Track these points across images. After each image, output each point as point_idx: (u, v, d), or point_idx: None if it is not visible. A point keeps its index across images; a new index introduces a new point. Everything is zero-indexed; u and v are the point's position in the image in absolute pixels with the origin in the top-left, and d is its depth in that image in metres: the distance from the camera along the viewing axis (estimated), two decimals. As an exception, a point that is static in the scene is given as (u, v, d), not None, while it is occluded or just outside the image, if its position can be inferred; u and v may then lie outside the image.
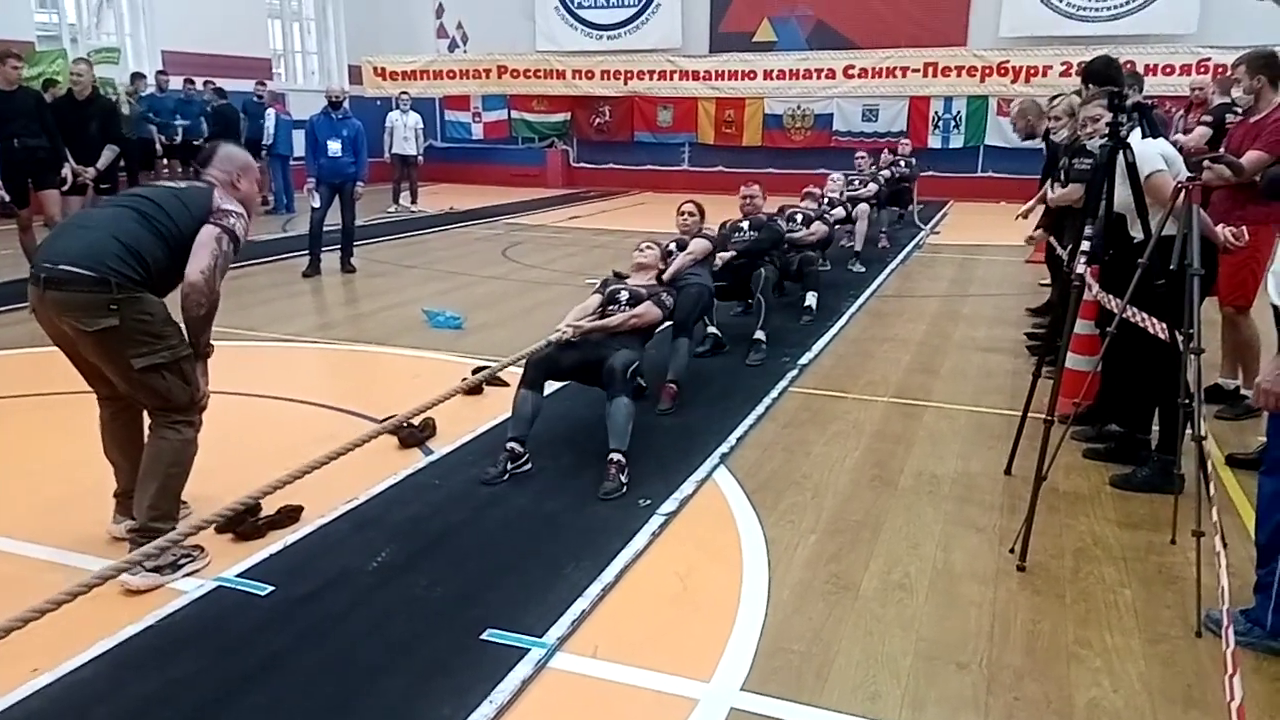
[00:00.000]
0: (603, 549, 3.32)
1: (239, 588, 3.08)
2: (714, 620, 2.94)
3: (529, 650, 2.70)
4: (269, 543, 3.39)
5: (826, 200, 8.92)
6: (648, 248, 5.12)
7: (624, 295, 4.64)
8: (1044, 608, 3.04)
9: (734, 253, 6.33)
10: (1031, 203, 6.70)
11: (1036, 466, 3.35)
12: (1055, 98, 6.12)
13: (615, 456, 3.98)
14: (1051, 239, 6.22)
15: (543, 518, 3.63)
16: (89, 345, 3.03)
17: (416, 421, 4.49)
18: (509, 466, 4.03)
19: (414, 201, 15.12)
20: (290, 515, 3.57)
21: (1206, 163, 3.64)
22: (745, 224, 6.73)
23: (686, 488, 3.91)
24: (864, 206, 9.76)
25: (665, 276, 5.14)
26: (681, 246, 5.73)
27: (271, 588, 3.07)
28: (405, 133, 14.80)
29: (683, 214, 6.02)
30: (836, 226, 8.71)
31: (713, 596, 3.09)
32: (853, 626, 2.92)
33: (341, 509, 3.65)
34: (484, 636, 2.77)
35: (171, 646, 2.77)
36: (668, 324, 5.03)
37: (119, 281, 2.94)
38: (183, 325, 3.15)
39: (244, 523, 3.48)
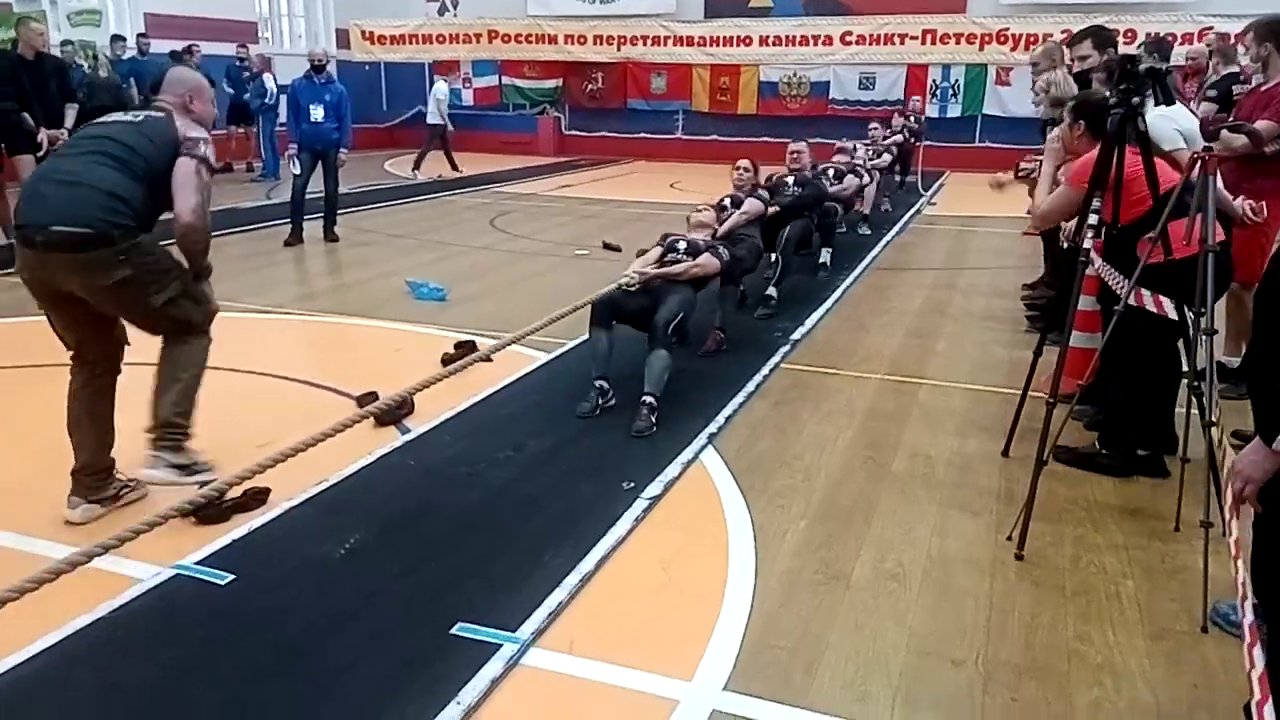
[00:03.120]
0: (583, 535, 3.17)
1: (198, 576, 2.92)
2: (697, 613, 2.80)
3: (501, 646, 2.55)
4: (233, 527, 3.24)
5: (854, 162, 9.26)
6: (705, 209, 5.51)
7: (682, 245, 4.96)
8: (1043, 600, 2.90)
9: (778, 207, 6.52)
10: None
11: (1037, 450, 3.21)
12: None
13: (648, 399, 4.26)
14: None
15: (522, 500, 3.48)
16: (107, 297, 3.06)
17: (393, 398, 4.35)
18: (600, 402, 4.37)
19: (454, 168, 15.35)
20: (256, 498, 3.40)
21: (1224, 133, 3.46)
22: (790, 179, 7.03)
23: (672, 470, 3.76)
24: (876, 174, 10.11)
25: (720, 233, 5.51)
26: (736, 203, 6.09)
27: (232, 576, 2.92)
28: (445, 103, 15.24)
29: (738, 169, 6.36)
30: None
31: (697, 587, 2.95)
32: (843, 620, 2.78)
33: (311, 491, 3.49)
34: (454, 631, 2.62)
35: (124, 639, 2.62)
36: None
37: (120, 234, 2.97)
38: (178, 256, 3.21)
39: (208, 506, 3.32)
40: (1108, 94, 3.84)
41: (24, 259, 3.05)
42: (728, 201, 6.15)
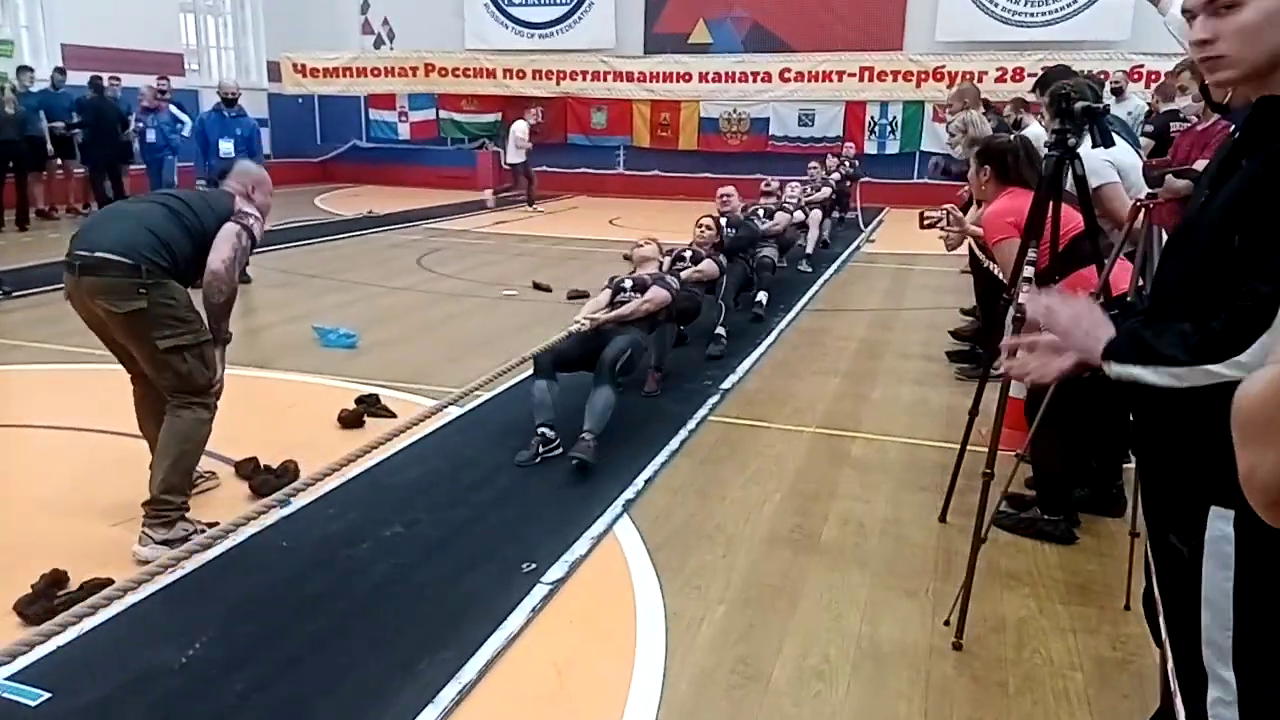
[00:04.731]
0: (469, 634, 2.77)
1: (6, 695, 2.48)
2: (593, 727, 2.43)
3: (351, 786, 2.16)
4: (60, 627, 2.78)
5: (786, 201, 9.37)
6: (647, 243, 5.44)
7: (628, 284, 4.93)
8: (983, 701, 2.58)
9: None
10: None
11: (975, 526, 2.91)
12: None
13: (586, 435, 4.10)
14: (975, 247, 5.83)
15: (407, 591, 3.07)
16: (118, 325, 3.26)
17: (274, 464, 3.95)
18: (541, 450, 4.16)
19: (531, 203, 15.74)
20: (94, 590, 2.95)
21: (1168, 177, 3.25)
22: (723, 221, 7.00)
23: (580, 546, 3.39)
24: (816, 212, 10.10)
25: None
26: (695, 259, 6.11)
27: (46, 695, 2.47)
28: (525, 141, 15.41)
29: (701, 226, 6.41)
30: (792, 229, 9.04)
31: (594, 693, 2.58)
32: (759, 733, 2.43)
33: (160, 581, 3.04)
34: (298, 765, 2.22)
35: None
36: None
37: (148, 267, 3.19)
38: (204, 314, 3.40)
39: (36, 603, 2.88)
40: (1011, 138, 3.80)
41: (67, 282, 3.28)
42: (688, 255, 6.15)
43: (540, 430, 4.20)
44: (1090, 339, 1.51)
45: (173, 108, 12.47)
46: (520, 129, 15.54)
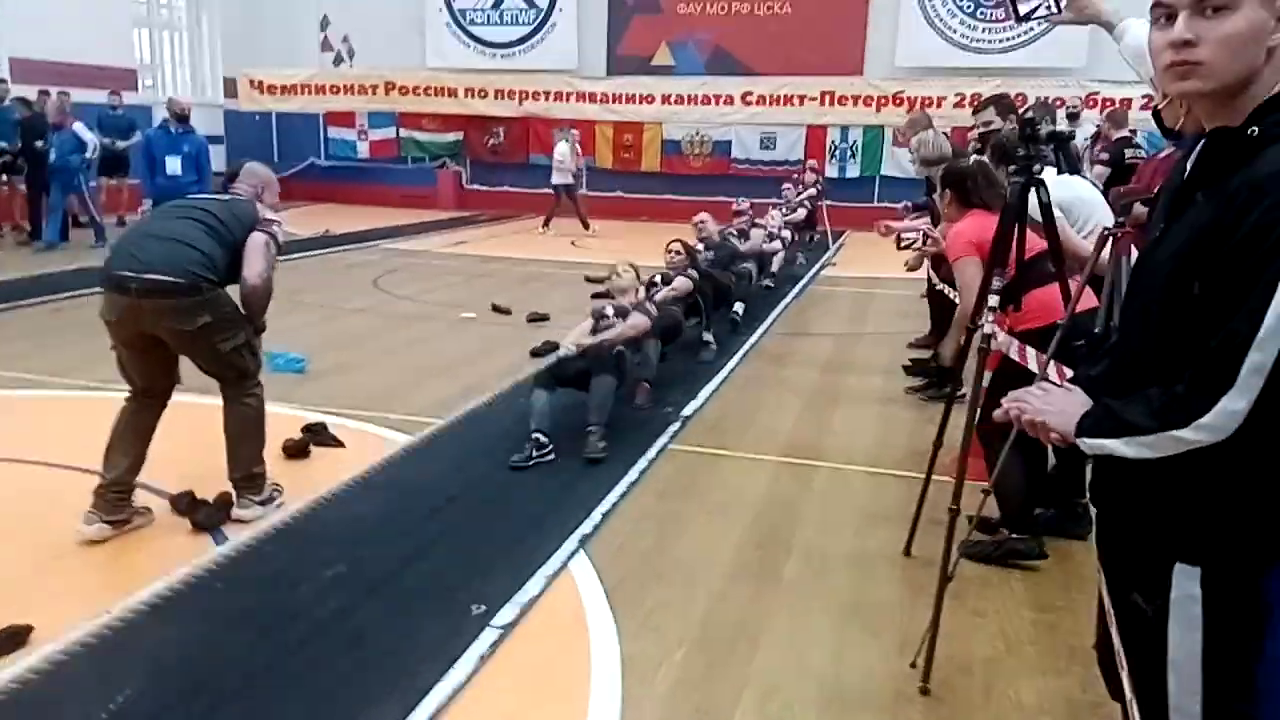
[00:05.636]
0: (409, 687, 2.60)
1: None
2: (543, 786, 2.28)
3: None
4: (-31, 682, 2.59)
5: (767, 228, 9.77)
6: (625, 271, 5.45)
7: (610, 310, 5.15)
8: (953, 752, 2.48)
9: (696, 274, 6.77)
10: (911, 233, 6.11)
11: (941, 567, 2.81)
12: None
13: (594, 428, 4.42)
14: (931, 272, 5.80)
15: (347, 636, 2.90)
16: (185, 340, 3.50)
17: (212, 499, 3.76)
18: (534, 454, 4.33)
19: (586, 227, 15.16)
20: (13, 639, 2.76)
21: (1136, 205, 3.21)
22: (700, 246, 7.49)
23: (533, 586, 3.24)
24: (787, 233, 10.54)
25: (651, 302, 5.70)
26: (666, 281, 6.42)
27: (-54, 759, 2.28)
28: (567, 163, 15.13)
29: (670, 252, 6.66)
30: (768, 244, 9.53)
31: (545, 748, 2.44)
32: (719, 789, 2.30)
33: (87, 627, 2.85)
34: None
35: None
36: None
37: (206, 285, 3.45)
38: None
39: (-54, 654, 2.68)
40: (970, 162, 3.85)
41: (114, 303, 3.43)
42: (658, 279, 6.39)
43: (535, 435, 4.37)
44: (1066, 417, 1.52)
45: (78, 126, 11.55)
46: (561, 151, 15.35)
